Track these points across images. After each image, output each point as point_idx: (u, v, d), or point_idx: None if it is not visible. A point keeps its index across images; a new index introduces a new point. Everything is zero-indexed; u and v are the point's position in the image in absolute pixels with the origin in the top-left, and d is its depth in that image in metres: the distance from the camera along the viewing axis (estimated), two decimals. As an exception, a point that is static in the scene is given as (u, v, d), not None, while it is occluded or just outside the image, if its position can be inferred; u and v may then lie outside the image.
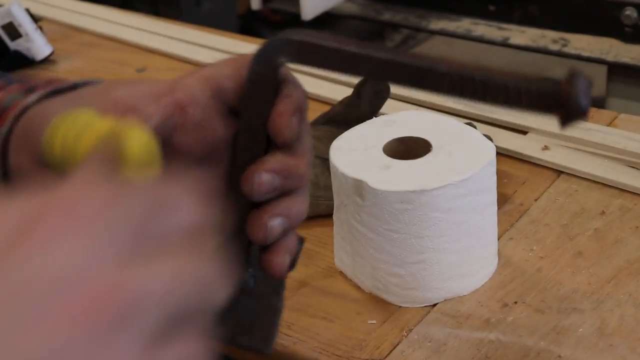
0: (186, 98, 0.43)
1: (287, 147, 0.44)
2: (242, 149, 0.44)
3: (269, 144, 0.44)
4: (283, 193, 0.44)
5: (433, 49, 1.92)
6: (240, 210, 0.45)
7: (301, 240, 0.49)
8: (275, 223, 0.44)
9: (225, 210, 0.45)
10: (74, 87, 0.45)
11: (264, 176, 0.43)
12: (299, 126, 0.44)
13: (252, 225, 0.44)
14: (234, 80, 0.44)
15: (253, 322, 0.46)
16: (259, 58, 0.43)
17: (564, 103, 0.39)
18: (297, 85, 0.44)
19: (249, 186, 0.43)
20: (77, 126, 0.38)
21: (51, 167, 0.40)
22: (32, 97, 0.44)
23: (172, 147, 0.43)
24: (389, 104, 0.98)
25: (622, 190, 0.87)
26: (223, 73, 0.44)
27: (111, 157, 0.34)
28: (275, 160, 0.43)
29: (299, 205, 0.45)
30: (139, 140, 0.37)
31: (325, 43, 0.42)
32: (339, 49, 0.42)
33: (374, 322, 0.74)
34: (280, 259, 0.45)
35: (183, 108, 0.43)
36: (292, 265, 0.48)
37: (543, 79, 0.40)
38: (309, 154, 0.45)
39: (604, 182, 0.88)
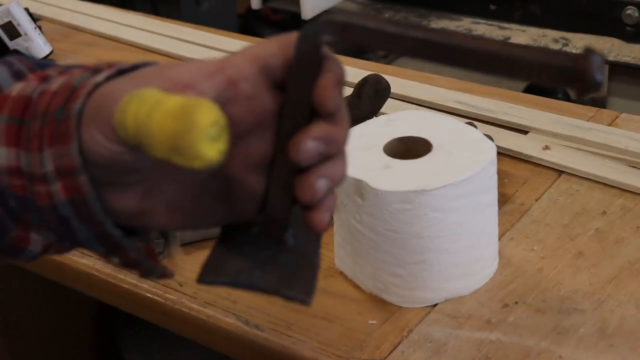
0: (237, 74, 0.47)
1: (329, 117, 0.48)
2: (288, 119, 0.49)
3: (312, 115, 0.48)
4: (325, 158, 0.48)
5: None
6: (286, 175, 0.49)
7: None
8: (321, 184, 0.48)
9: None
10: (135, 67, 0.49)
11: (310, 143, 0.47)
12: (340, 98, 0.48)
13: (300, 186, 0.48)
14: (280, 58, 0.48)
15: (294, 276, 0.51)
16: (305, 38, 0.47)
17: (580, 78, 0.43)
18: (337, 61, 0.48)
19: (296, 152, 0.47)
20: (147, 103, 0.42)
21: (124, 142, 0.44)
22: (101, 76, 0.47)
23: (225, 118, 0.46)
24: (389, 103, 0.97)
25: (623, 190, 0.87)
26: (269, 51, 0.48)
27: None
28: (319, 129, 0.48)
29: (339, 167, 0.49)
30: (209, 114, 0.41)
31: (365, 23, 0.47)
32: (378, 29, 0.46)
33: (375, 322, 0.74)
34: (322, 216, 0.49)
35: (234, 83, 0.47)
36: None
37: (562, 55, 0.44)
38: (347, 122, 0.49)
39: (605, 182, 0.88)
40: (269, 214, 0.51)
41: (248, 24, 1.73)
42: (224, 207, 0.51)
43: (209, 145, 0.41)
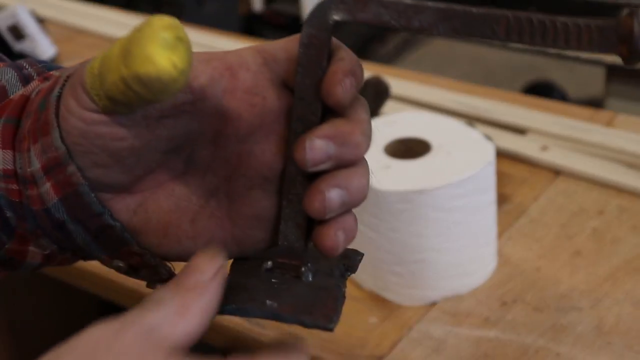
0: (237, 62, 0.43)
1: (340, 113, 0.42)
2: (296, 120, 0.42)
3: (324, 116, 0.42)
4: (340, 165, 0.42)
5: (434, 50, 1.93)
6: (299, 192, 0.43)
7: (360, 255, 0.47)
8: (334, 194, 0.41)
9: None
10: None
11: (317, 142, 0.41)
12: (352, 89, 0.41)
13: (309, 196, 0.41)
14: (286, 52, 0.43)
15: (313, 304, 0.43)
16: (312, 18, 0.42)
17: (626, 37, 0.38)
18: (348, 50, 0.43)
19: (301, 153, 0.41)
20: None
21: (92, 92, 0.40)
22: (89, 63, 0.43)
23: (222, 113, 0.43)
24: (389, 104, 0.98)
25: (620, 190, 0.88)
26: (276, 45, 0.44)
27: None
28: (328, 126, 0.41)
29: (358, 178, 0.42)
30: (164, 19, 0.37)
31: None
32: (393, 2, 0.41)
33: (375, 320, 0.75)
34: (334, 234, 0.42)
35: (233, 72, 0.43)
36: (351, 269, 0.46)
37: (601, 18, 0.39)
38: (365, 124, 0.42)
39: (603, 182, 0.89)
40: (282, 244, 0.44)
41: (250, 26, 1.74)
42: (227, 232, 0.45)
43: (161, 49, 0.37)
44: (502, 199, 0.87)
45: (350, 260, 0.46)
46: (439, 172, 0.73)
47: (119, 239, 0.45)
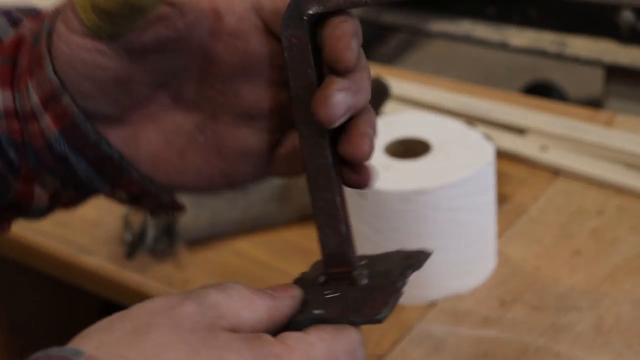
0: (224, 6, 0.44)
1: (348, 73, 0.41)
2: (301, 124, 0.42)
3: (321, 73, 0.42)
4: (353, 114, 0.42)
5: (433, 51, 1.94)
6: (324, 192, 0.43)
7: (424, 252, 0.46)
8: (369, 140, 0.41)
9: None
10: None
11: (338, 95, 0.40)
12: (359, 50, 0.41)
13: (351, 143, 0.42)
14: (273, 3, 0.43)
15: (364, 304, 0.42)
16: (288, 19, 0.42)
17: None
18: (348, 14, 0.42)
19: (324, 110, 0.40)
20: None
21: (80, 9, 0.41)
22: None
23: (206, 53, 0.44)
24: (389, 104, 0.99)
25: (619, 190, 0.88)
26: None
27: None
28: (342, 79, 0.40)
29: (372, 115, 0.43)
30: None
31: None
32: None
33: (375, 319, 0.75)
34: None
35: (219, 15, 0.44)
36: (414, 267, 0.45)
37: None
38: (368, 68, 0.42)
39: (601, 182, 0.89)
40: (326, 254, 0.44)
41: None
42: (215, 166, 0.47)
43: None
44: (502, 199, 0.88)
45: (413, 259, 0.46)
46: (439, 172, 0.74)
47: (118, 167, 0.46)
